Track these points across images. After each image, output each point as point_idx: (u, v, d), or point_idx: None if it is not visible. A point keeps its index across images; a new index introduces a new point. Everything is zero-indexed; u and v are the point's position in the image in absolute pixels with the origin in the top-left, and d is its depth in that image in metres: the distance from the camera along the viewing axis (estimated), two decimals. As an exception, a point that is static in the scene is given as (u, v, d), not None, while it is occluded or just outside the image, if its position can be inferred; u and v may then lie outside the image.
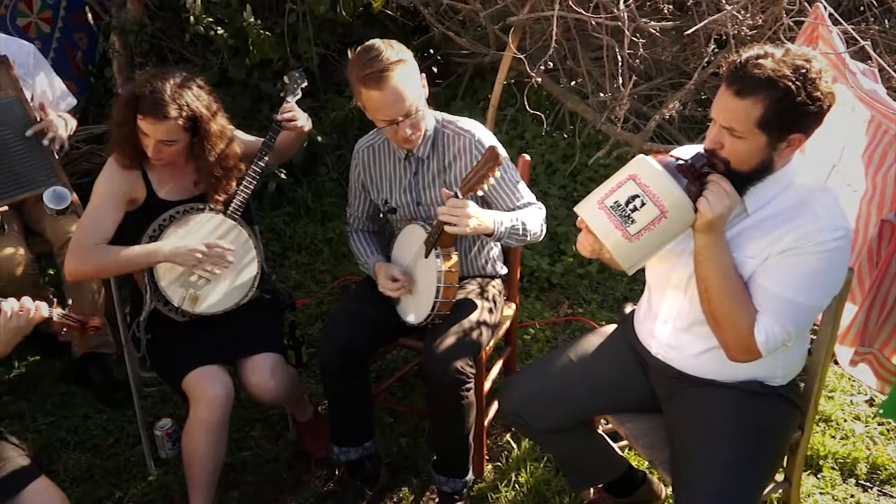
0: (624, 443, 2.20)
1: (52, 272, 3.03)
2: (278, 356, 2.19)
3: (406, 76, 1.97)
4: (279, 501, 2.30)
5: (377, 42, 1.99)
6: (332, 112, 3.85)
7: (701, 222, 1.52)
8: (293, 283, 3.36)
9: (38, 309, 1.74)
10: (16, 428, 2.56)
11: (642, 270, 1.85)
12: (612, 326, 2.01)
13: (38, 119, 2.69)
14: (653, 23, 2.89)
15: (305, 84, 2.40)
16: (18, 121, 2.67)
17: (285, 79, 2.39)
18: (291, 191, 3.75)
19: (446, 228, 1.92)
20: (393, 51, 1.97)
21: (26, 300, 1.73)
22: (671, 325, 1.76)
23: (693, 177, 1.51)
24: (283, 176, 3.64)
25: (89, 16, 3.86)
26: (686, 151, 1.63)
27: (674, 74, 3.57)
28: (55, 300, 1.86)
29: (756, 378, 1.70)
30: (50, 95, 2.83)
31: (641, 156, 1.56)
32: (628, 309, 2.03)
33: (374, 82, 1.94)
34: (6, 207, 2.64)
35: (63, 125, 2.72)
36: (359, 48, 2.01)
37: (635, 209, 1.50)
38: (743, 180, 1.54)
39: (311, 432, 2.46)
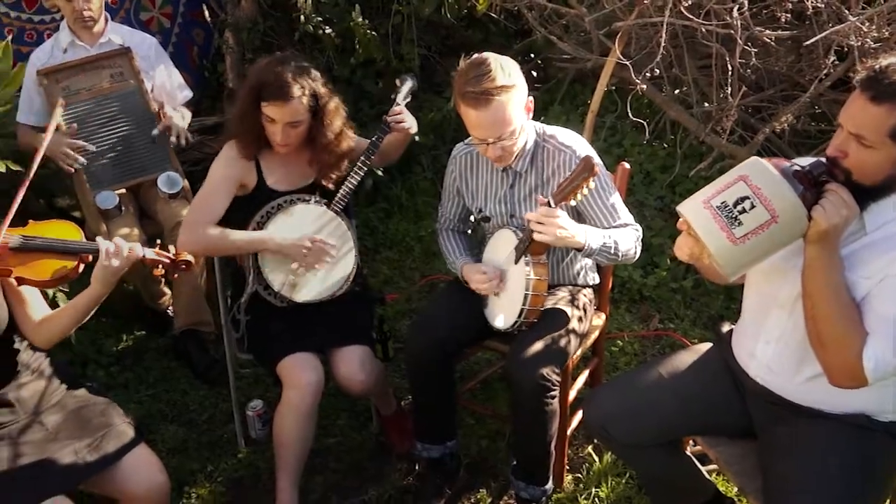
0: (713, 466, 2.12)
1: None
2: (368, 349, 2.24)
3: (509, 102, 1.92)
4: (361, 490, 2.35)
5: (491, 59, 1.92)
6: (430, 113, 3.90)
7: (814, 231, 1.43)
8: (383, 278, 3.43)
9: (132, 249, 1.82)
10: (121, 397, 2.73)
11: (741, 289, 1.79)
12: (707, 345, 1.95)
13: (157, 109, 2.85)
14: (768, 31, 2.78)
15: (416, 87, 2.44)
16: (139, 110, 2.84)
17: (397, 81, 2.44)
18: (387, 188, 3.82)
19: (534, 235, 1.90)
20: (503, 73, 1.90)
21: (119, 240, 1.82)
22: (773, 347, 1.68)
23: (809, 184, 1.43)
24: (379, 173, 3.71)
25: (206, 13, 4.06)
26: (803, 161, 1.55)
27: (787, 86, 3.41)
28: (158, 242, 1.96)
29: (864, 411, 1.60)
30: (168, 87, 2.99)
31: (755, 158, 1.49)
32: (726, 328, 1.96)
33: (474, 102, 1.91)
34: (124, 190, 2.82)
35: (180, 118, 2.87)
36: (472, 58, 1.96)
37: (743, 211, 1.43)
38: (864, 195, 1.44)
39: (394, 426, 2.50)
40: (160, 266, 1.93)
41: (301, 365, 2.14)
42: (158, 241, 2.00)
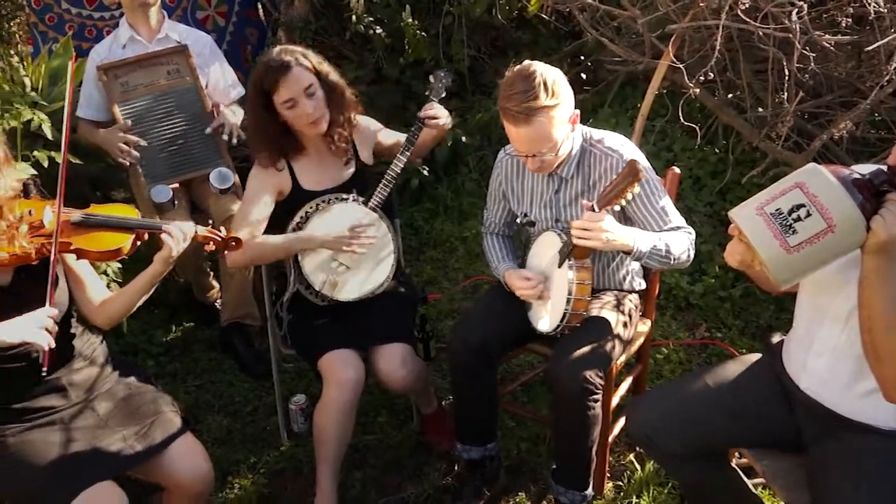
0: (759, 480, 2.07)
1: (210, 246, 3.27)
2: (409, 347, 2.25)
3: (550, 121, 1.89)
4: (400, 487, 2.37)
5: (536, 74, 1.87)
6: (478, 114, 3.90)
7: (873, 242, 1.39)
8: (426, 278, 3.44)
9: (186, 229, 1.89)
10: (169, 387, 2.79)
11: (792, 298, 1.74)
12: (756, 355, 1.90)
13: (211, 106, 2.91)
14: (827, 36, 2.70)
15: (450, 83, 2.44)
16: (194, 106, 2.90)
17: (430, 78, 2.45)
18: (432, 188, 3.84)
19: (576, 241, 1.88)
20: (547, 92, 1.86)
21: (176, 226, 1.88)
22: (826, 360, 1.63)
23: (870, 193, 1.38)
24: (425, 173, 3.73)
25: (260, 12, 4.13)
26: (863, 169, 1.51)
27: (846, 92, 3.31)
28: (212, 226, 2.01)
29: (920, 428, 1.55)
30: (222, 84, 3.05)
31: (813, 164, 1.45)
32: (776, 338, 1.91)
33: (514, 119, 1.90)
34: (177, 184, 2.88)
35: (232, 116, 2.94)
36: (518, 69, 1.93)
37: (798, 219, 1.40)
38: None
39: (435, 425, 2.51)
40: (211, 242, 1.97)
41: (342, 361, 2.16)
42: (210, 221, 2.02)
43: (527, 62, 1.94)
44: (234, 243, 2.00)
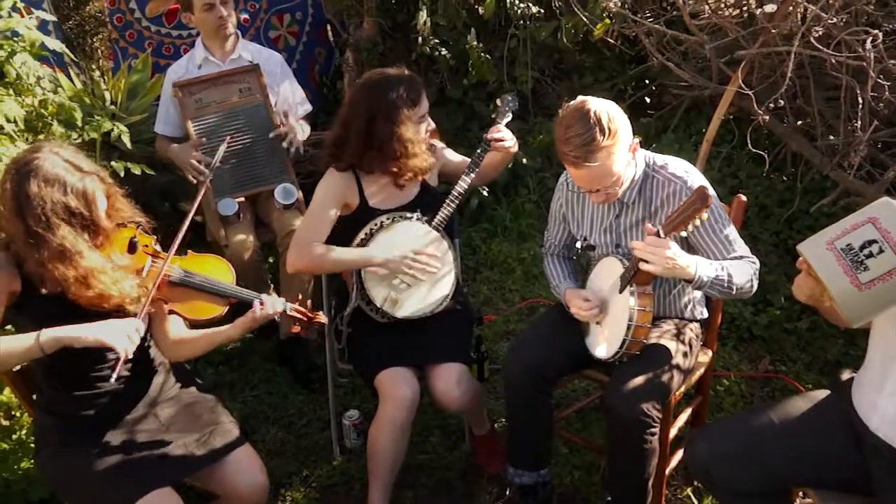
0: (823, 522, 1.99)
1: (271, 260, 3.34)
2: (465, 367, 2.25)
3: (611, 157, 1.88)
4: (449, 509, 2.37)
5: (591, 114, 1.86)
6: (540, 135, 3.90)
7: None
8: (482, 298, 3.43)
9: (276, 306, 1.92)
10: (227, 396, 2.85)
11: (864, 334, 1.68)
12: (824, 392, 1.84)
13: (280, 124, 2.99)
14: (905, 64, 2.61)
15: (517, 107, 2.45)
16: (263, 123, 2.99)
17: (498, 101, 2.46)
18: (491, 208, 3.84)
19: (641, 266, 1.85)
20: (603, 133, 1.85)
21: (266, 298, 1.91)
22: (899, 401, 1.57)
23: None
24: (484, 193, 3.75)
25: (329, 33, 4.24)
26: None
27: (923, 122, 3.19)
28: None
29: None
30: (290, 101, 3.14)
31: (886, 198, 1.41)
32: (846, 375, 1.84)
33: (574, 162, 1.91)
34: (243, 198, 2.97)
35: (299, 129, 3.01)
36: (572, 107, 1.91)
37: (870, 255, 1.36)
38: None
39: (486, 447, 2.49)
40: (296, 322, 2.00)
41: (397, 379, 2.17)
42: (299, 297, 2.02)
43: (580, 99, 1.93)
44: (318, 325, 2.04)
